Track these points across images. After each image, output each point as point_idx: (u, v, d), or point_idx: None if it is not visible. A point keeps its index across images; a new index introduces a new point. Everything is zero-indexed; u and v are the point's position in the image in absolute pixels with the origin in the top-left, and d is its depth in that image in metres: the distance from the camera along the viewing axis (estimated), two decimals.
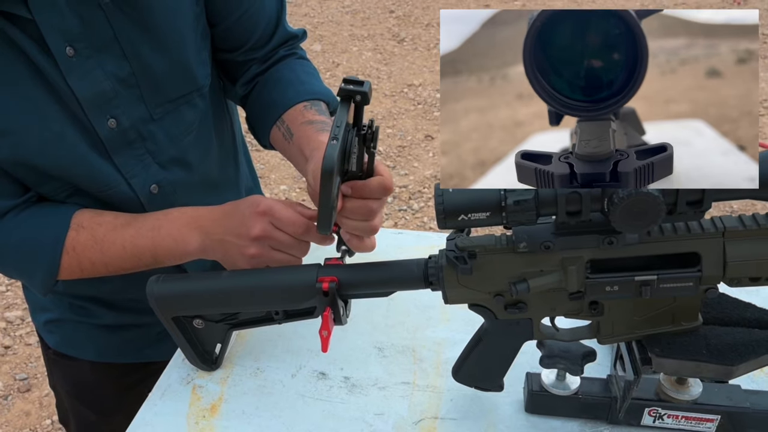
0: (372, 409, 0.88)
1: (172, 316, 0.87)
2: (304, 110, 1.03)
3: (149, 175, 0.98)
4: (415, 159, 3.32)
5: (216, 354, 0.93)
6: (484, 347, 0.83)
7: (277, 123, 1.04)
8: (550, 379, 0.86)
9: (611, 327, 0.79)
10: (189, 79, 0.97)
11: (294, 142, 1.00)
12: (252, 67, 1.08)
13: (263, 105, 1.07)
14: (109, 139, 0.91)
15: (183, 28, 0.94)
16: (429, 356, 0.97)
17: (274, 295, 0.83)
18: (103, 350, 1.16)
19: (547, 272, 0.75)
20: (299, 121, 1.01)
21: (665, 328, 0.78)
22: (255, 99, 1.09)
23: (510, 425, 0.86)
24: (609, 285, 0.74)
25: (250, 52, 1.06)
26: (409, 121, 3.62)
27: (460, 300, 0.80)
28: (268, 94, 1.07)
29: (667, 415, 0.84)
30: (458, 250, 0.76)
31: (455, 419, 0.87)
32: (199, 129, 1.02)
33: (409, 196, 3.07)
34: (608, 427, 0.86)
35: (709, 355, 0.75)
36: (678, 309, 0.77)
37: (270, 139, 1.07)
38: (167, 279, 0.86)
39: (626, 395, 0.82)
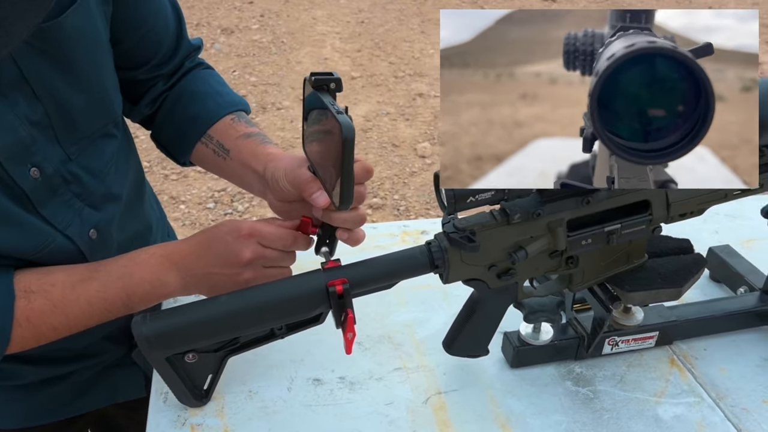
0: (380, 401, 0.92)
1: (166, 356, 0.83)
2: (233, 124, 1.02)
3: (84, 221, 0.91)
4: None
5: (205, 387, 0.90)
6: (477, 317, 0.90)
7: (203, 140, 1.02)
8: (529, 333, 0.96)
9: (582, 276, 0.90)
10: (107, 111, 0.92)
11: (233, 158, 0.98)
12: (158, 84, 1.03)
13: (182, 121, 1.03)
14: (35, 191, 0.83)
15: (101, 56, 0.88)
16: (405, 340, 1.02)
17: (283, 310, 0.82)
18: (29, 413, 1.05)
19: (536, 237, 0.83)
20: (233, 136, 1.00)
21: (622, 268, 0.91)
22: (168, 116, 1.05)
23: (504, 382, 0.95)
24: (584, 239, 0.85)
25: (154, 68, 1.02)
26: None
27: (458, 278, 0.86)
28: (185, 109, 1.03)
29: (621, 341, 0.98)
30: (459, 230, 0.81)
31: (456, 390, 0.94)
32: (117, 157, 0.97)
33: (231, 198, 3.03)
34: (577, 363, 0.98)
35: (663, 282, 0.89)
36: (632, 250, 0.90)
37: (192, 156, 1.05)
38: (156, 316, 0.81)
39: (596, 331, 0.94)
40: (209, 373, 0.89)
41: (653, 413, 0.90)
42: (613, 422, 0.89)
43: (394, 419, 0.89)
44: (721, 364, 0.97)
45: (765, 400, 0.91)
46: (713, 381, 0.94)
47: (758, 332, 1.02)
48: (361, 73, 4.40)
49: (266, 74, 4.25)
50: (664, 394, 0.93)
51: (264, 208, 2.98)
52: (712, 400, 0.92)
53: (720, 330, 1.01)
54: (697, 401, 0.92)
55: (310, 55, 4.58)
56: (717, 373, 0.96)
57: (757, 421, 0.88)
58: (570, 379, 0.96)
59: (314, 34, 4.94)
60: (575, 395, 0.93)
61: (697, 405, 0.91)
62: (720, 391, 0.93)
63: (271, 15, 5.20)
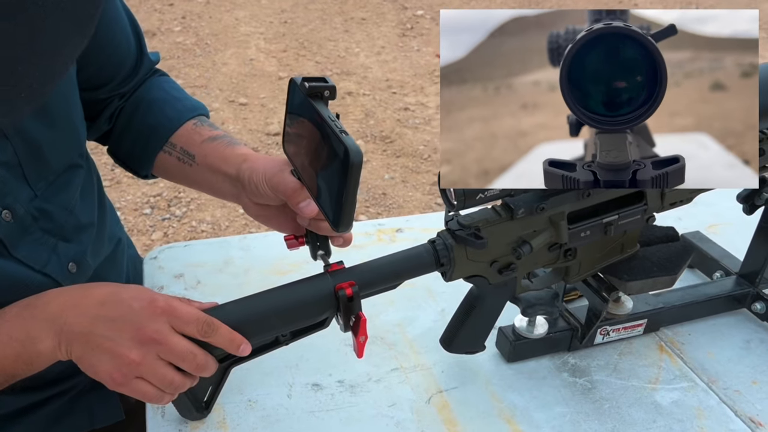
0: (383, 403, 0.90)
1: None
2: (196, 128, 0.98)
3: (61, 256, 0.86)
4: None
5: (205, 399, 0.85)
6: (477, 314, 0.88)
7: (166, 148, 0.97)
8: (524, 327, 0.95)
9: (578, 267, 0.90)
10: (75, 143, 0.88)
11: (199, 163, 0.94)
12: (114, 100, 0.99)
13: (141, 131, 0.99)
14: (8, 235, 0.79)
15: (70, 89, 0.85)
16: (398, 340, 1.00)
17: (291, 316, 0.79)
18: None
19: (539, 231, 0.83)
20: (197, 140, 0.96)
21: (616, 258, 0.91)
22: (125, 128, 0.99)
23: (502, 377, 0.95)
24: (584, 231, 0.85)
25: (116, 87, 0.98)
26: None
27: (461, 275, 0.84)
28: (144, 119, 0.99)
29: (612, 330, 0.99)
30: (465, 228, 0.80)
31: (457, 387, 0.92)
32: (84, 186, 0.92)
33: (167, 203, 2.92)
34: (570, 354, 0.98)
35: (659, 270, 0.90)
36: (626, 240, 0.90)
37: (155, 167, 1.00)
38: None
39: (592, 322, 0.94)
40: (210, 384, 0.84)
41: (652, 400, 0.91)
42: (615, 411, 0.90)
43: (400, 421, 0.87)
44: (707, 348, 0.99)
45: (754, 381, 0.94)
46: (703, 365, 0.97)
47: (736, 315, 1.05)
48: (289, 73, 4.34)
49: (193, 77, 4.13)
50: (659, 381, 0.94)
51: (202, 212, 2.88)
52: (705, 384, 0.94)
53: (702, 315, 1.04)
54: (691, 386, 0.93)
55: (235, 56, 4.49)
56: (705, 357, 0.98)
57: (751, 402, 0.91)
58: (566, 371, 0.96)
59: (238, 35, 4.84)
60: (573, 386, 0.93)
61: (692, 390, 0.93)
62: (711, 375, 0.95)
63: (193, 17, 5.06)
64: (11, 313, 0.73)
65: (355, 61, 4.59)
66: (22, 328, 0.71)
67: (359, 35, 5.00)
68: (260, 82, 4.17)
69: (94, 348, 0.70)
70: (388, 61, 4.60)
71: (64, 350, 0.72)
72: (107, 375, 0.71)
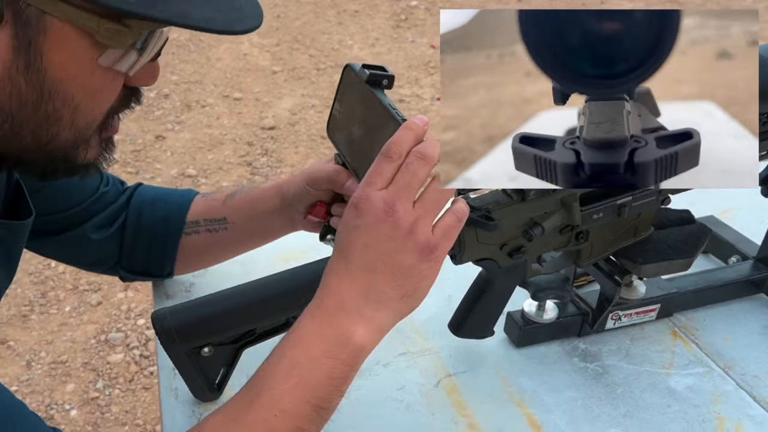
0: (391, 386, 0.89)
1: (186, 350, 0.78)
2: (207, 199, 0.97)
3: None
4: (155, 161, 3.15)
5: (217, 380, 0.85)
6: (487, 298, 0.87)
7: (187, 230, 0.95)
8: (533, 311, 0.94)
9: (590, 250, 0.89)
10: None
11: (234, 220, 0.93)
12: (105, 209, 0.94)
13: (154, 228, 0.95)
14: None
15: None
16: (404, 324, 0.97)
17: (299, 297, 0.78)
18: None
19: (550, 213, 0.82)
20: (218, 206, 0.95)
21: (629, 241, 0.90)
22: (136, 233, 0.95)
23: (511, 362, 0.94)
24: (596, 213, 0.84)
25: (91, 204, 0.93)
26: (133, 124, 3.40)
27: (471, 258, 0.84)
28: (152, 215, 0.95)
29: (624, 315, 0.98)
30: (475, 210, 0.79)
31: (466, 372, 0.92)
32: None
33: None
34: (580, 340, 0.97)
35: (674, 252, 0.90)
36: (640, 222, 0.89)
37: (178, 258, 0.97)
38: (178, 309, 0.78)
39: (604, 307, 0.93)
40: (222, 366, 0.84)
41: (666, 385, 0.90)
42: (628, 395, 0.89)
43: (409, 403, 0.86)
44: (724, 333, 0.99)
45: None
46: (719, 351, 0.96)
47: (753, 301, 1.04)
48: (282, 67, 4.33)
49: (188, 72, 4.11)
50: (673, 366, 0.93)
51: None
52: (722, 370, 0.93)
53: (718, 300, 1.03)
54: (706, 371, 0.93)
55: (229, 52, 4.47)
56: (721, 342, 0.97)
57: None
58: (576, 356, 0.95)
59: None
60: (585, 371, 0.92)
61: (707, 375, 0.92)
62: (727, 360, 0.94)
63: None
64: (291, 338, 0.65)
65: (349, 53, 4.57)
66: (320, 340, 0.63)
67: (353, 27, 4.99)
68: (254, 76, 4.15)
69: (396, 276, 0.65)
70: (382, 53, 4.59)
71: (374, 305, 0.65)
72: (426, 267, 0.66)
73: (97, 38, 0.53)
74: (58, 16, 0.51)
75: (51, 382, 1.99)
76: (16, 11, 0.50)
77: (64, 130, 0.58)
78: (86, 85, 0.56)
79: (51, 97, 0.55)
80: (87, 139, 0.61)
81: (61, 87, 0.55)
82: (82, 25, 0.52)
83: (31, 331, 2.16)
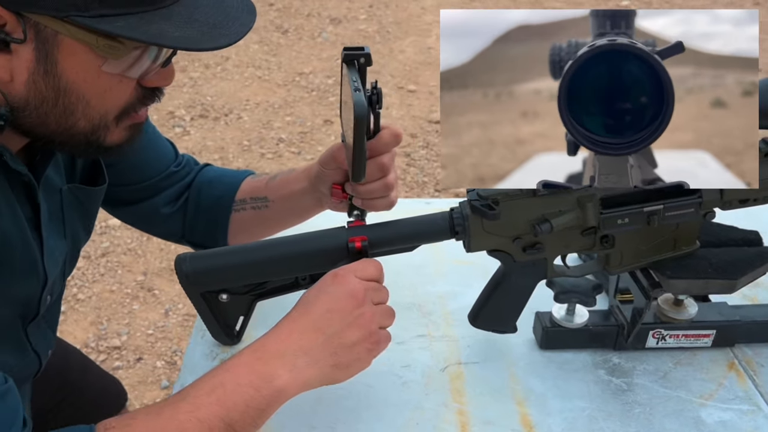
0: (397, 363, 0.92)
1: (201, 292, 0.87)
2: (254, 180, 1.06)
3: (47, 343, 0.93)
4: (318, 143, 3.34)
5: (237, 328, 0.93)
6: (502, 291, 0.87)
7: (236, 207, 1.04)
8: (561, 315, 0.92)
9: (620, 258, 0.85)
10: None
11: (274, 199, 1.02)
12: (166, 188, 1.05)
13: (210, 206, 1.06)
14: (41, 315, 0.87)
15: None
16: (435, 309, 1.00)
17: (305, 261, 0.86)
18: None
19: (565, 211, 0.80)
20: (261, 186, 1.04)
21: (668, 254, 0.86)
22: (196, 210, 1.06)
23: (529, 362, 0.92)
24: (620, 218, 0.81)
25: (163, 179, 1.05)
26: (306, 107, 3.63)
27: (481, 247, 0.84)
28: (209, 194, 1.06)
29: (669, 335, 0.92)
30: (482, 199, 0.80)
31: (477, 362, 0.92)
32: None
33: None
34: (615, 353, 0.93)
35: (715, 272, 0.83)
36: (679, 235, 0.85)
37: (230, 231, 1.06)
38: (197, 256, 0.87)
39: (636, 320, 0.88)
40: (240, 314, 0.92)
41: (694, 414, 0.85)
42: (644, 417, 0.84)
43: (407, 381, 0.89)
44: None
45: None
46: None
47: None
48: None
49: None
50: (713, 398, 0.87)
51: None
52: None
53: None
54: (751, 410, 0.85)
55: (413, 45, 4.60)
56: None
57: None
58: (604, 368, 0.91)
59: (421, 23, 4.95)
60: (606, 384, 0.89)
61: (751, 414, 0.85)
62: None
63: (380, 5, 5.25)
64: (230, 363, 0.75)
65: None
66: (248, 373, 0.73)
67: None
68: (433, 70, 4.24)
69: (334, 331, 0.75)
70: None
71: (307, 372, 0.74)
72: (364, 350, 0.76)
73: (97, 51, 0.67)
74: (67, 35, 0.65)
75: (181, 332, 2.21)
76: (37, 32, 0.65)
77: (80, 120, 0.71)
78: (94, 86, 0.69)
79: (66, 94, 0.69)
80: (105, 127, 0.74)
81: (73, 87, 0.69)
82: (85, 42, 0.66)
83: (175, 284, 2.39)
